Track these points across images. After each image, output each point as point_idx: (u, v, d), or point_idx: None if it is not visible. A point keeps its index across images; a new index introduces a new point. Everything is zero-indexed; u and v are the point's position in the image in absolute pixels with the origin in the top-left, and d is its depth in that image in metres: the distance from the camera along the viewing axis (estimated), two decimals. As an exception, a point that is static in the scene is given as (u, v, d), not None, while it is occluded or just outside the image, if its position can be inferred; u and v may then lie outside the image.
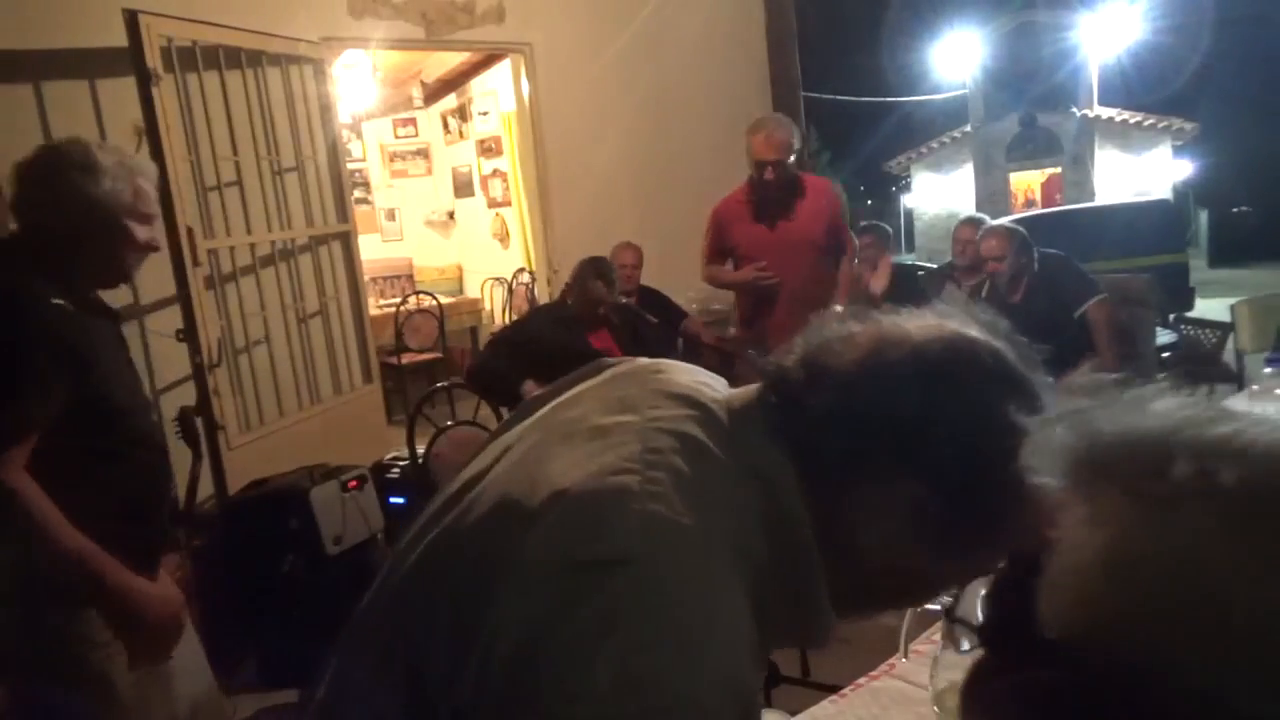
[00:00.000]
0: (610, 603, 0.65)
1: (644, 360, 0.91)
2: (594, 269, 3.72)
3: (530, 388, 3.44)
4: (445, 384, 4.43)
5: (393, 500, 3.39)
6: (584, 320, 3.73)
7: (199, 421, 3.17)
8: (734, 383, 0.88)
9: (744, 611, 0.70)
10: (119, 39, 3.12)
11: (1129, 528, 0.45)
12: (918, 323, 0.77)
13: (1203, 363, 5.19)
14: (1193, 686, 0.41)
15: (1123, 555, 0.45)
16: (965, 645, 0.73)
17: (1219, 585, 0.42)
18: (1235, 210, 18.14)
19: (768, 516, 0.74)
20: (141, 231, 1.75)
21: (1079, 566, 0.46)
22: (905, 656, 1.37)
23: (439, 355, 6.47)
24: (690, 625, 0.66)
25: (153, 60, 3.14)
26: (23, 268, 1.65)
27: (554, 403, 0.89)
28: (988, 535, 0.70)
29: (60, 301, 1.64)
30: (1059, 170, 17.84)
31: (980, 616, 0.61)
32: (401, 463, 3.48)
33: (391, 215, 8.53)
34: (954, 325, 0.77)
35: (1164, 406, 0.50)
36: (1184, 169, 19.04)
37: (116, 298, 3.49)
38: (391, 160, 8.49)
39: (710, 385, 0.85)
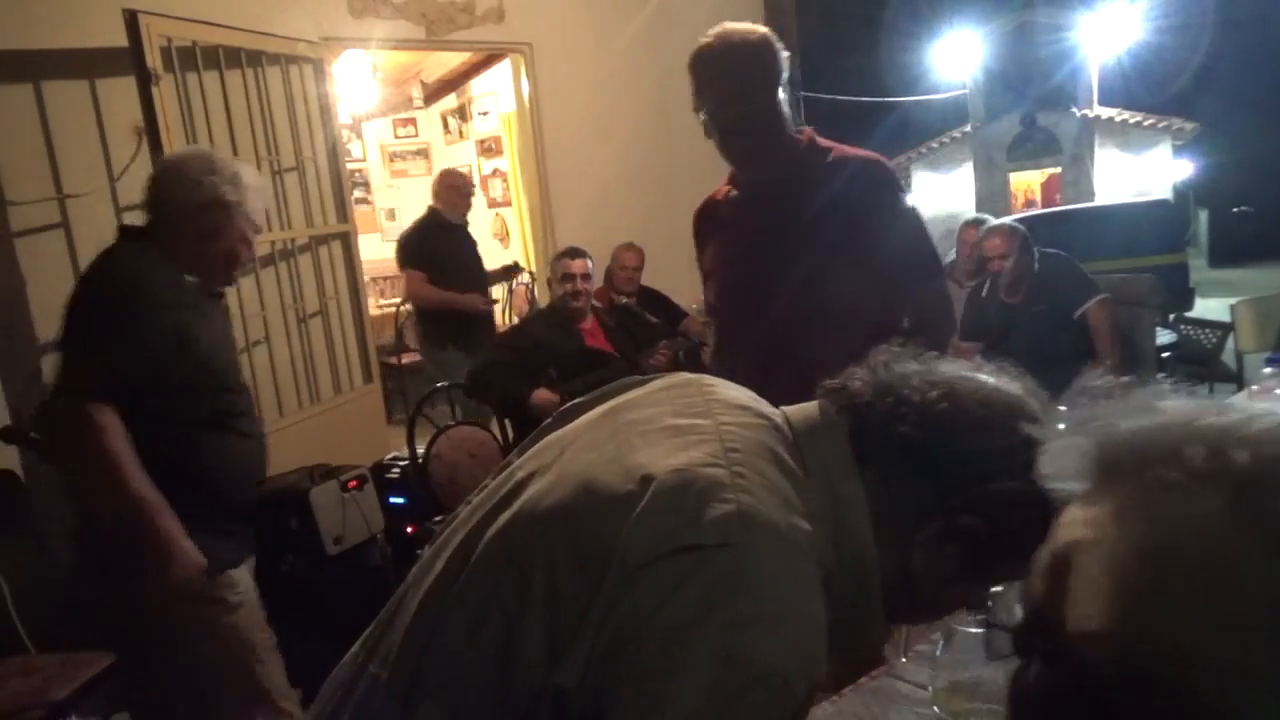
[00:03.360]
0: (711, 582, 0.71)
1: (690, 375, 0.96)
2: (562, 251, 3.81)
3: (541, 395, 3.44)
4: (445, 384, 4.43)
5: (393, 500, 3.39)
6: (572, 312, 3.73)
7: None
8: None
9: (821, 601, 0.76)
10: (119, 39, 3.12)
11: (1152, 511, 0.47)
12: (970, 372, 0.87)
13: (1202, 363, 5.20)
14: (1209, 654, 0.42)
15: (1148, 535, 0.46)
16: (1003, 650, 0.75)
17: (1234, 568, 0.43)
18: (1235, 210, 18.14)
19: (835, 528, 0.80)
20: (254, 245, 2.09)
21: (1112, 560, 0.47)
22: (905, 656, 1.37)
23: (439, 355, 6.47)
24: (782, 606, 0.73)
25: (153, 60, 3.14)
26: (155, 251, 1.93)
27: (606, 407, 0.94)
28: (1023, 558, 0.74)
29: (191, 278, 1.93)
30: (1059, 170, 17.84)
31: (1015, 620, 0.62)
32: (401, 463, 3.48)
33: (391, 215, 8.52)
34: (1003, 381, 0.86)
35: (1171, 403, 0.52)
36: (1184, 169, 19.02)
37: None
38: (391, 160, 8.49)
39: (760, 401, 0.91)
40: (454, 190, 4.70)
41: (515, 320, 7.22)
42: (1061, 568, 0.51)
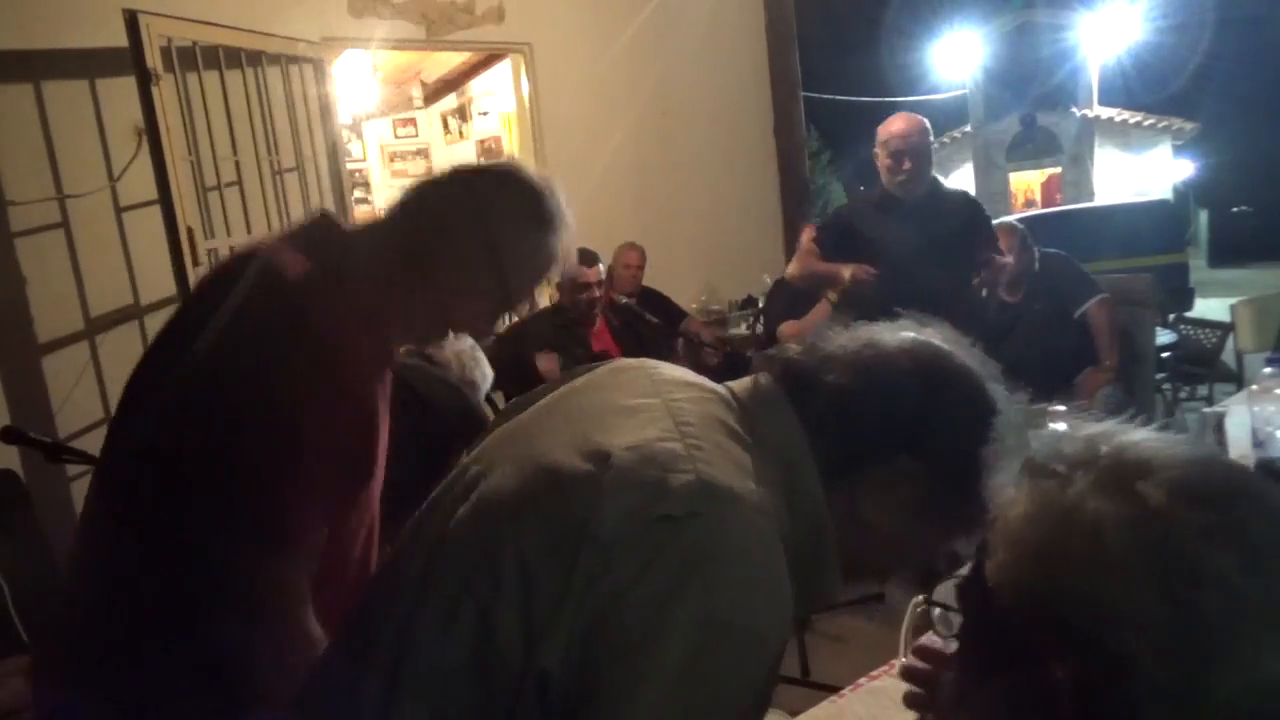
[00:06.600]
0: (684, 551, 0.74)
1: (634, 359, 0.99)
2: (576, 257, 3.72)
3: (547, 363, 3.44)
4: (445, 384, 4.42)
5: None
6: (579, 315, 3.72)
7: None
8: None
9: (784, 561, 0.79)
10: (119, 39, 3.12)
11: (1039, 495, 0.59)
12: (900, 331, 0.91)
13: (1202, 363, 5.19)
14: (1080, 596, 0.54)
15: (1033, 512, 0.59)
16: (948, 629, 0.80)
17: (1094, 522, 0.55)
18: (1235, 210, 18.13)
19: (788, 490, 0.83)
20: None
21: (1007, 527, 0.60)
22: (905, 657, 1.37)
23: (439, 355, 6.46)
24: (753, 569, 0.76)
25: (153, 60, 3.14)
26: None
27: (553, 396, 0.95)
28: (964, 505, 0.83)
29: None
30: (1059, 170, 17.84)
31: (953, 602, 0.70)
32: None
33: (391, 215, 8.53)
34: (928, 333, 0.91)
35: (1076, 422, 0.64)
36: (1184, 169, 19.02)
37: (116, 297, 3.50)
38: (391, 160, 8.49)
39: (703, 378, 0.94)
40: None
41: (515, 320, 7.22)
42: (983, 548, 0.62)
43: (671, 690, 0.71)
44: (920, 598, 0.87)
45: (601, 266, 3.73)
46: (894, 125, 3.18)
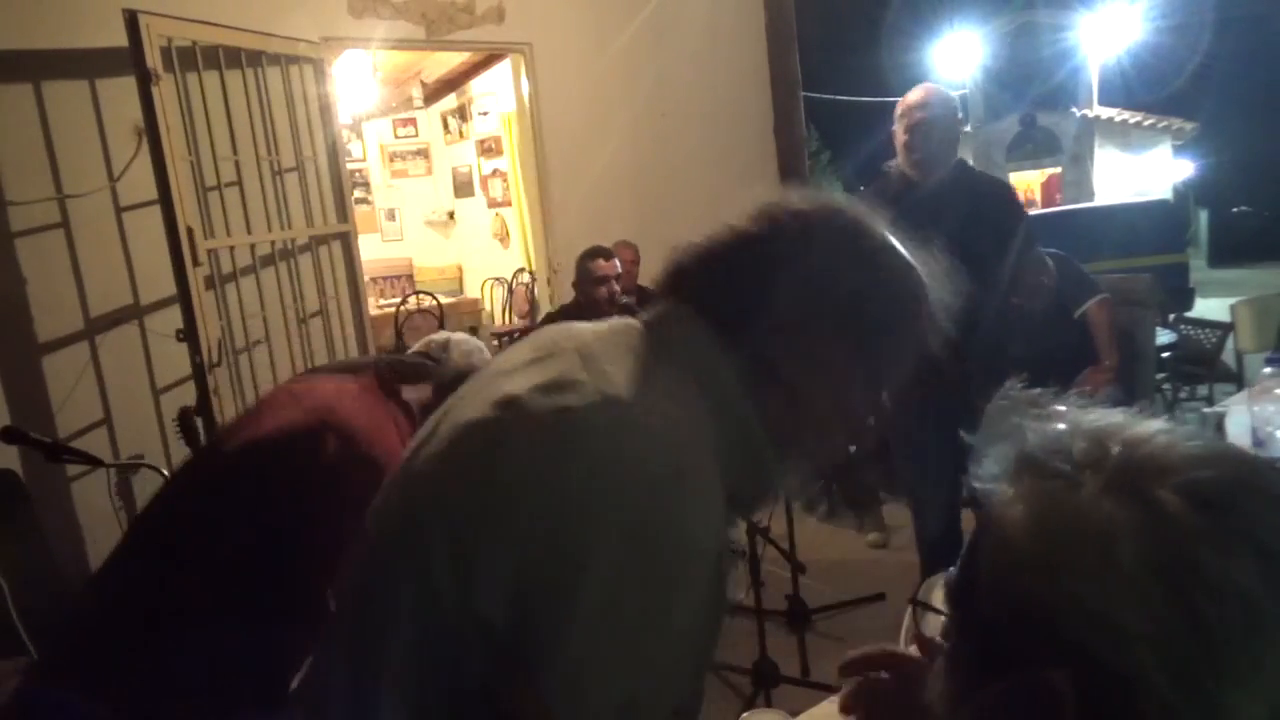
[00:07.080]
0: (594, 471, 0.73)
1: (555, 324, 0.98)
2: (590, 252, 3.74)
3: None
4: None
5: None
6: (597, 314, 3.71)
7: (199, 421, 3.18)
8: None
9: (711, 469, 0.78)
10: (119, 39, 3.12)
11: (1042, 497, 0.55)
12: (800, 199, 0.90)
13: (1202, 363, 5.20)
14: (1088, 611, 0.50)
15: (1037, 515, 0.55)
16: (934, 629, 0.78)
17: (1106, 532, 0.51)
18: (1235, 210, 18.13)
19: (709, 398, 0.83)
20: None
21: (1005, 529, 0.56)
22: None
23: (439, 355, 6.45)
24: (670, 478, 0.75)
25: (153, 60, 3.14)
26: None
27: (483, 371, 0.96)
28: (887, 370, 0.88)
29: None
30: (1059, 170, 17.84)
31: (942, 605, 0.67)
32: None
33: (391, 215, 8.53)
34: (827, 197, 0.90)
35: (1069, 410, 0.61)
36: (1184, 169, 19.02)
37: (116, 297, 3.51)
38: (391, 160, 8.49)
39: (624, 319, 0.94)
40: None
41: (516, 320, 7.22)
42: (976, 548, 0.59)
43: (606, 611, 0.70)
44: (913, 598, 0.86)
45: (617, 261, 3.73)
46: (911, 96, 2.85)
